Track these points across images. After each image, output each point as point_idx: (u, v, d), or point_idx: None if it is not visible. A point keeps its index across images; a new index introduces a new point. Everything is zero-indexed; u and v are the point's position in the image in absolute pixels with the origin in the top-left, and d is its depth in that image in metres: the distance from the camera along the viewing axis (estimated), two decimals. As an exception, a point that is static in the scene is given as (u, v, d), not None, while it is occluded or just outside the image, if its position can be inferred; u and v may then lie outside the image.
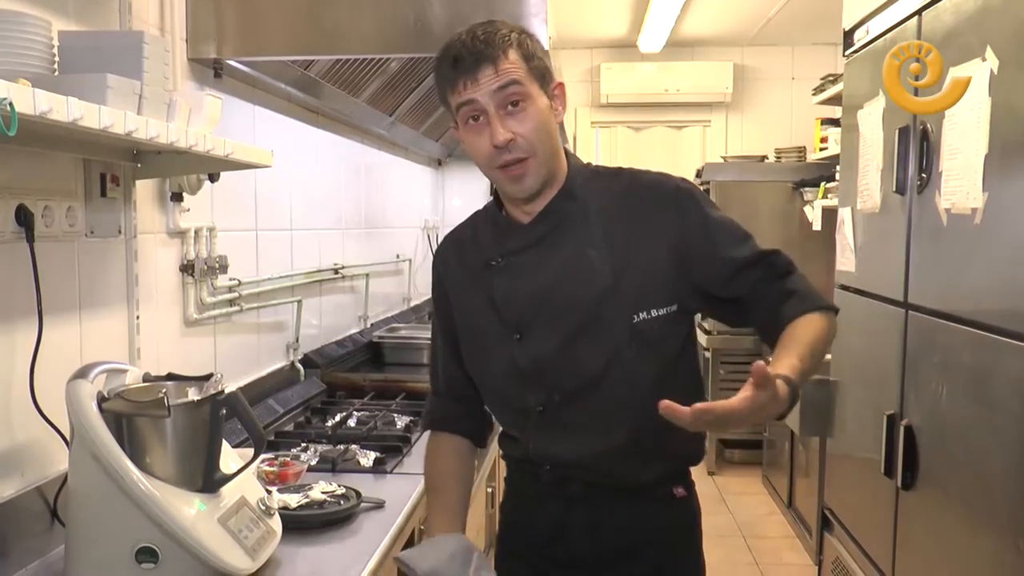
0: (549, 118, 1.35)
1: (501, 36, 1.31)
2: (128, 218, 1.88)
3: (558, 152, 1.40)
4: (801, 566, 3.88)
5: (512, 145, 1.31)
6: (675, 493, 1.49)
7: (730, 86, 5.49)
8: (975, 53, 1.85)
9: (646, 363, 1.37)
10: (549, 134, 1.35)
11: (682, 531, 1.52)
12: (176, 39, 2.06)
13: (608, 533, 1.45)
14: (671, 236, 1.37)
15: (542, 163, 1.35)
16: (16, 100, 1.11)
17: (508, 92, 1.30)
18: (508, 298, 1.42)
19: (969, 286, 1.93)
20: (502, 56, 1.30)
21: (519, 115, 1.31)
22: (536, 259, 1.41)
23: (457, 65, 1.31)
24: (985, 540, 1.85)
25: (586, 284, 1.36)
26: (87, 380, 1.40)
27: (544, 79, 1.35)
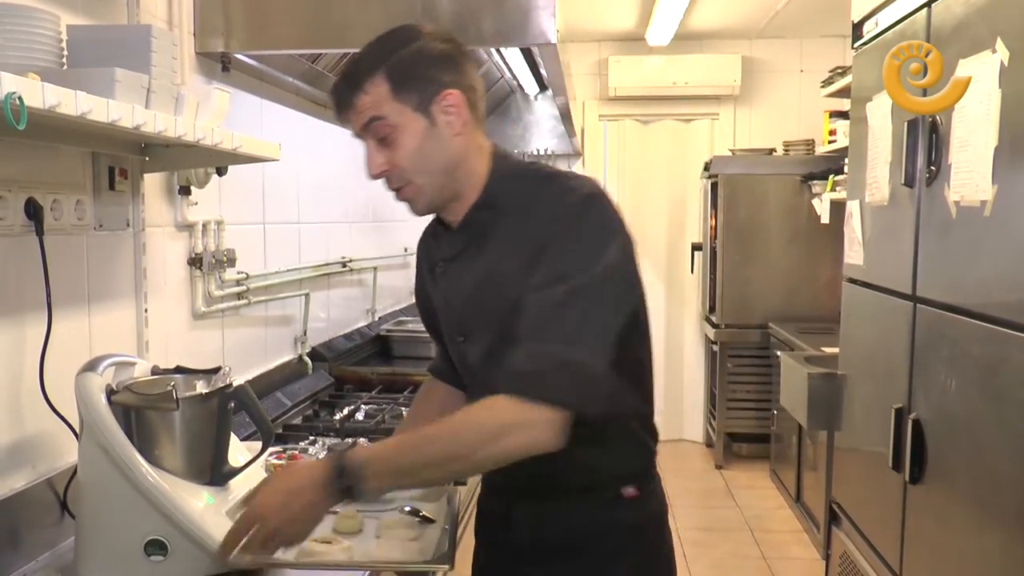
0: (426, 142, 1.31)
1: (362, 69, 1.30)
2: (136, 211, 1.89)
3: (455, 168, 1.35)
4: (809, 560, 3.88)
5: (388, 175, 1.34)
6: (623, 493, 1.42)
7: (738, 79, 5.46)
8: (985, 45, 1.84)
9: None
10: (427, 158, 1.32)
11: (629, 533, 1.43)
12: (184, 33, 2.07)
13: (549, 528, 1.43)
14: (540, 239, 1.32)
15: (423, 188, 1.35)
16: (25, 94, 1.12)
17: (372, 128, 1.31)
18: (447, 302, 1.45)
19: (978, 279, 1.92)
20: (360, 94, 1.29)
21: (389, 146, 1.31)
22: (461, 269, 1.41)
23: (332, 99, 1.35)
24: (993, 534, 1.84)
25: (501, 297, 1.32)
26: (96, 373, 1.41)
27: (423, 96, 1.30)
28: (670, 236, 5.79)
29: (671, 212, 5.79)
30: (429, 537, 1.54)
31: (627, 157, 5.82)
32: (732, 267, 5.08)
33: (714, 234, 5.22)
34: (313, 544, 1.44)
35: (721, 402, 5.20)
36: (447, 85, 1.32)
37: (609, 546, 1.41)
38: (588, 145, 5.80)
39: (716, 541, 4.14)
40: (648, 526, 1.47)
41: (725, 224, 5.07)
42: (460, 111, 1.33)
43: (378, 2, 2.10)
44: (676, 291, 5.80)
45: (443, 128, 1.32)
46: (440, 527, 1.58)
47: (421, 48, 1.32)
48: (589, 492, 1.41)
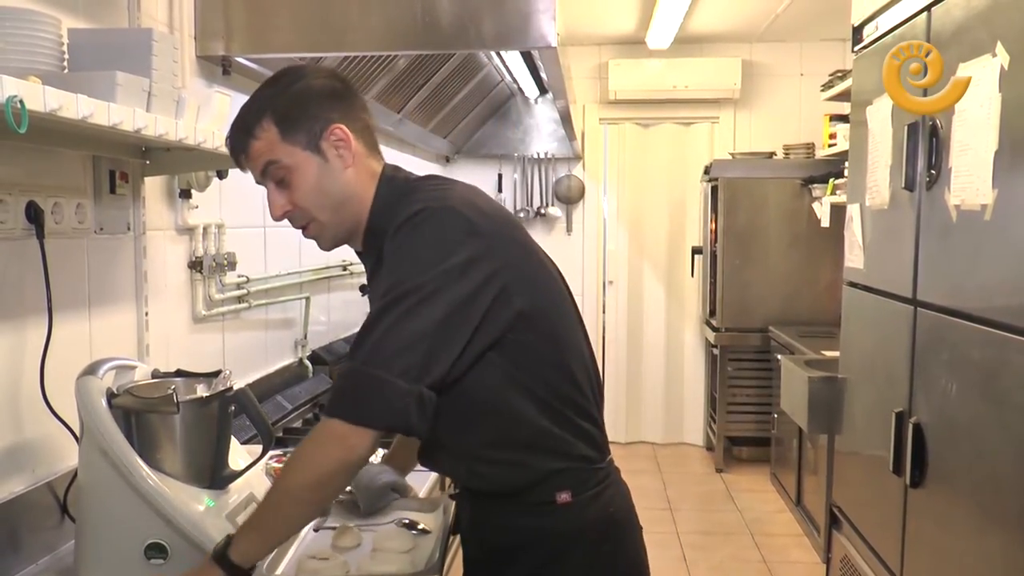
0: (319, 179, 1.34)
1: (251, 115, 1.33)
2: (137, 215, 1.89)
3: (349, 201, 1.37)
4: (809, 564, 3.88)
5: (290, 215, 1.37)
6: (556, 499, 1.36)
7: (738, 82, 5.46)
8: (985, 49, 1.84)
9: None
10: (323, 194, 1.35)
11: (565, 539, 1.37)
12: (185, 36, 2.07)
13: (488, 534, 1.42)
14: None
15: (325, 224, 1.38)
16: (27, 98, 1.12)
17: (269, 173, 1.34)
18: None
19: (978, 283, 1.92)
20: (251, 140, 1.33)
21: (287, 188, 1.35)
22: (371, 296, 1.44)
23: (228, 148, 1.38)
24: (994, 538, 1.84)
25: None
26: (96, 376, 1.41)
27: (310, 134, 1.33)
28: (670, 240, 5.79)
29: (671, 215, 5.79)
30: (423, 548, 1.55)
31: (627, 160, 5.82)
32: (732, 271, 5.08)
33: (714, 238, 5.22)
34: (310, 561, 1.45)
35: (721, 405, 5.20)
36: (333, 120, 1.34)
37: (544, 551, 1.37)
38: (588, 148, 5.81)
39: (716, 545, 4.14)
40: (587, 532, 1.39)
41: (725, 228, 5.07)
42: (348, 143, 1.35)
43: (378, 6, 2.10)
44: (676, 295, 5.80)
45: (334, 162, 1.35)
46: (435, 537, 1.58)
47: (304, 88, 1.34)
48: (516, 497, 1.38)
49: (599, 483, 1.40)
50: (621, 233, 5.82)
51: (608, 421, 5.34)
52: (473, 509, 1.44)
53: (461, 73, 3.81)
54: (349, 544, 1.56)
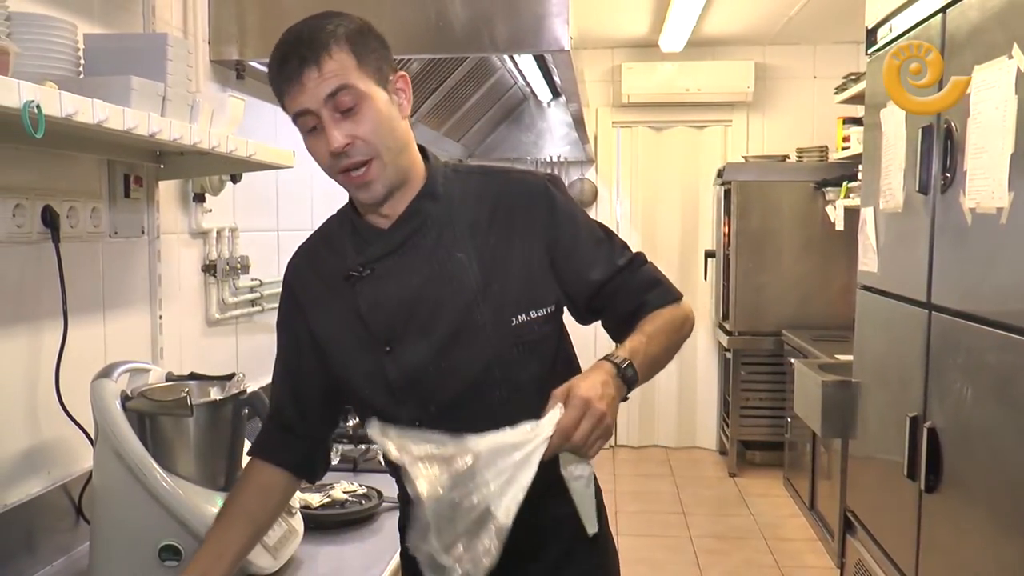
0: (391, 115, 1.25)
1: (327, 33, 1.21)
2: (151, 219, 1.90)
3: (407, 150, 1.30)
4: (823, 568, 3.86)
5: (351, 149, 1.23)
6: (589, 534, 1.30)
7: (751, 85, 5.45)
8: (1001, 51, 1.83)
9: (528, 364, 1.30)
10: (392, 132, 1.25)
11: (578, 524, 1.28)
12: (199, 41, 2.08)
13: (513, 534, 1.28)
14: (543, 237, 1.32)
15: (388, 164, 1.25)
16: (43, 102, 1.13)
17: (336, 99, 1.21)
18: (374, 308, 1.30)
19: (994, 286, 1.90)
20: (326, 57, 1.20)
21: (355, 117, 1.22)
22: (400, 265, 1.30)
23: (282, 68, 1.23)
24: (1011, 544, 1.83)
25: (455, 289, 1.28)
26: (111, 379, 1.42)
27: (382, 72, 1.25)
28: (683, 243, 5.78)
29: (684, 219, 5.78)
30: None
31: (640, 164, 5.82)
32: (745, 274, 5.06)
33: (727, 241, 5.20)
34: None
35: (734, 410, 5.18)
36: (395, 67, 1.29)
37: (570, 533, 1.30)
38: (601, 152, 5.80)
39: (730, 549, 4.12)
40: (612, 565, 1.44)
41: (738, 231, 5.06)
42: (408, 95, 1.30)
43: (392, 9, 2.11)
44: (689, 298, 5.64)
45: (397, 107, 1.28)
46: None
47: (370, 28, 1.28)
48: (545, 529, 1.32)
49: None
50: (634, 236, 5.81)
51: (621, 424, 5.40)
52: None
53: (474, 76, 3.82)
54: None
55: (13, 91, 1.09)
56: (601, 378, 1.17)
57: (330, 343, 1.36)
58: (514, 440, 1.12)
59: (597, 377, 1.17)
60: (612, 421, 1.16)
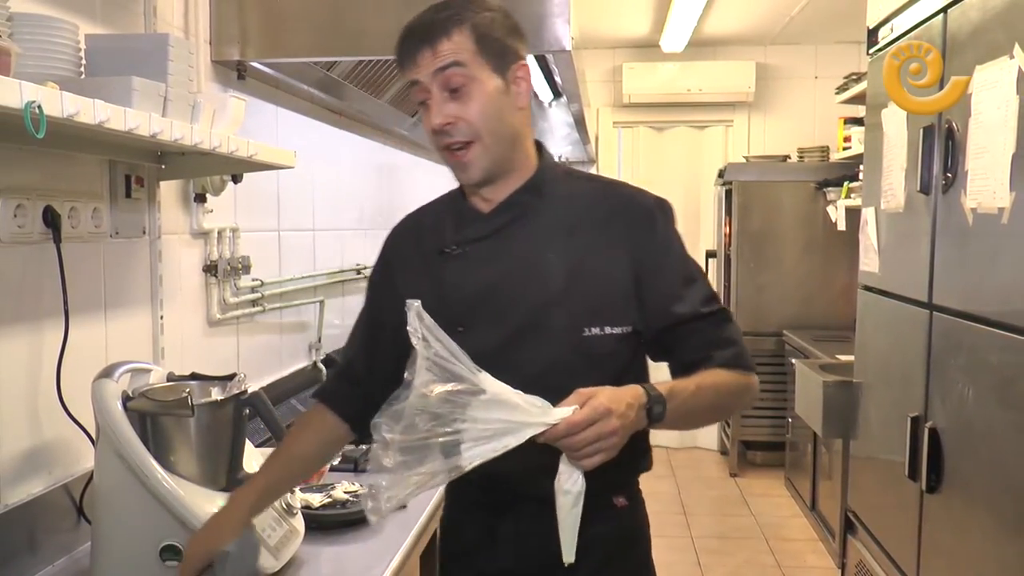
0: (500, 102, 1.27)
1: (450, 15, 1.26)
2: (152, 219, 1.90)
3: (516, 139, 1.32)
4: (824, 569, 3.85)
5: (452, 128, 1.27)
6: (615, 503, 1.38)
7: (752, 85, 5.45)
8: (1003, 51, 1.83)
9: (588, 378, 1.22)
10: (498, 118, 1.28)
11: (621, 543, 1.40)
12: (200, 41, 2.08)
13: (534, 546, 1.32)
14: (635, 256, 1.32)
15: (488, 149, 1.28)
16: (45, 103, 1.13)
17: (447, 74, 1.25)
18: (456, 288, 1.34)
19: (995, 287, 1.90)
20: (443, 38, 1.24)
21: (461, 98, 1.26)
22: (490, 251, 1.34)
23: (403, 43, 1.28)
24: (1012, 545, 1.83)
25: (536, 286, 1.30)
26: (112, 379, 1.42)
27: (502, 60, 1.28)
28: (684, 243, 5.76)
29: (685, 219, 5.77)
30: None
31: (641, 164, 5.82)
32: (746, 274, 5.06)
33: (728, 241, 5.20)
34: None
35: (736, 410, 5.17)
36: (520, 56, 1.31)
37: (599, 558, 1.35)
38: (602, 152, 5.80)
39: (731, 549, 4.12)
40: (638, 536, 1.45)
41: (739, 231, 5.06)
42: (527, 85, 1.32)
43: (393, 10, 2.11)
44: (690, 298, 5.77)
45: (512, 96, 1.30)
46: None
47: (502, 17, 1.31)
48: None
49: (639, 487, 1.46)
50: (635, 236, 5.81)
51: (622, 425, 5.19)
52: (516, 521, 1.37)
53: (475, 77, 3.81)
54: None
55: (15, 91, 1.09)
56: (628, 399, 1.16)
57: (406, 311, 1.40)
58: (521, 405, 1.12)
59: (625, 396, 1.17)
60: (620, 441, 1.14)
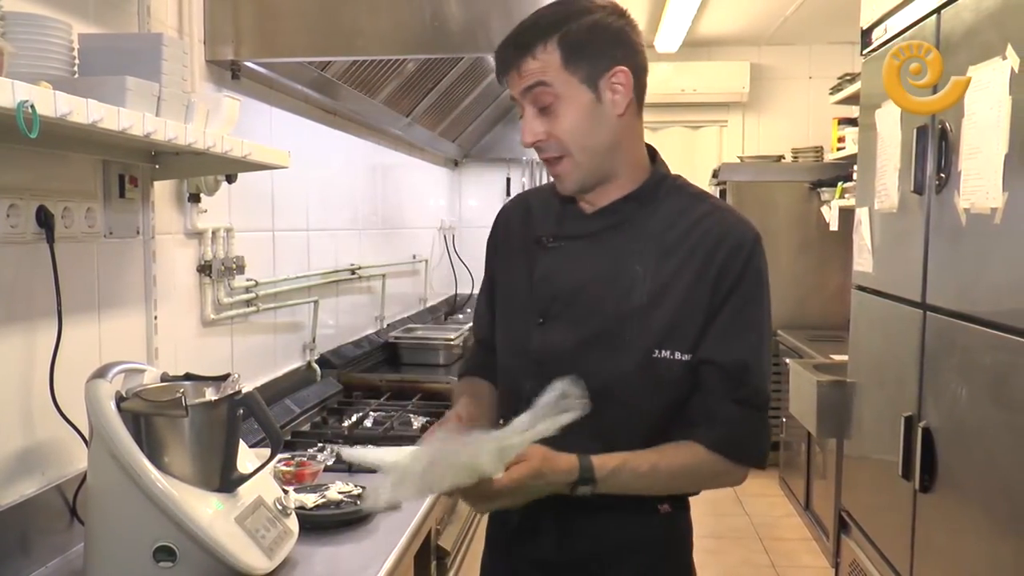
0: (591, 115, 1.28)
1: (536, 33, 1.27)
2: (146, 219, 1.89)
3: (614, 149, 1.32)
4: (818, 568, 3.86)
5: (543, 144, 1.31)
6: (659, 509, 1.40)
7: (747, 86, 5.46)
8: (996, 51, 1.84)
9: (651, 399, 1.31)
10: (589, 132, 1.29)
11: (661, 548, 1.43)
12: (194, 41, 2.08)
13: (576, 541, 1.38)
14: (716, 285, 1.31)
15: (580, 163, 1.31)
16: (38, 103, 1.12)
17: (534, 93, 1.28)
18: (545, 280, 1.37)
19: (988, 286, 1.91)
20: (527, 57, 1.27)
21: (549, 116, 1.29)
22: (583, 252, 1.36)
23: (497, 57, 1.32)
24: (1005, 543, 1.83)
25: (619, 295, 1.31)
26: (106, 380, 1.41)
27: (595, 70, 1.27)
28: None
29: (680, 219, 5.78)
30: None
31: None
32: (741, 274, 5.06)
33: (723, 241, 5.20)
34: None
35: (730, 409, 5.17)
36: (618, 61, 1.29)
37: (640, 562, 1.39)
38: (596, 152, 5.80)
39: (726, 549, 4.13)
40: (680, 543, 1.48)
41: (734, 231, 5.06)
42: (627, 90, 1.31)
43: (388, 9, 2.11)
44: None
45: (607, 106, 1.30)
46: None
47: (597, 21, 1.28)
48: (625, 507, 1.35)
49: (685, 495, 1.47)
50: (629, 237, 5.81)
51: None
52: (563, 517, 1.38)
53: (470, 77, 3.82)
54: None
55: (7, 91, 1.08)
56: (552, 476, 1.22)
57: (501, 292, 1.49)
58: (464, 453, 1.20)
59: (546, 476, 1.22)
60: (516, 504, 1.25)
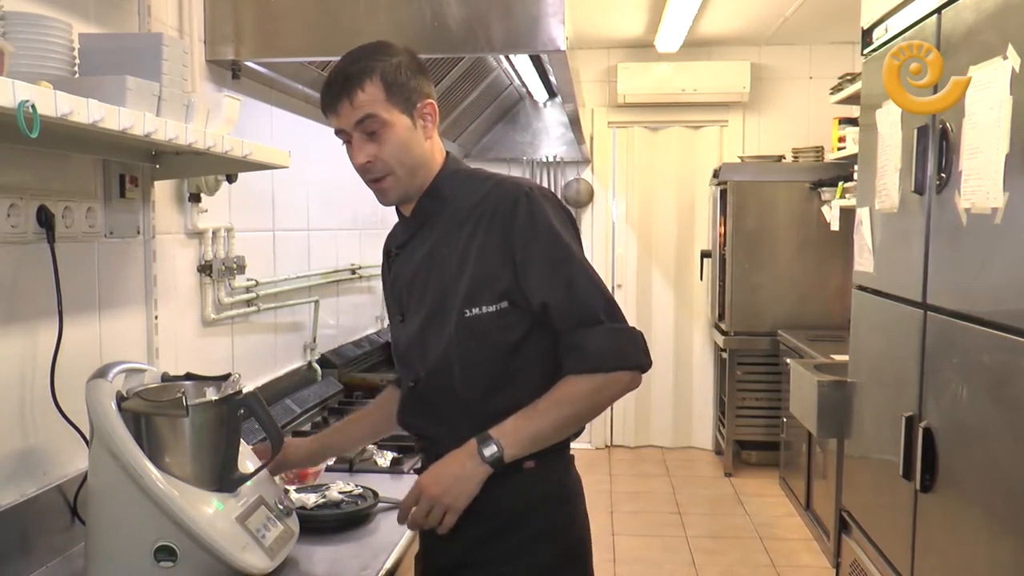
0: (409, 138, 1.51)
1: (362, 67, 1.47)
2: (147, 219, 1.89)
3: (424, 164, 1.55)
4: (818, 568, 3.86)
5: (370, 167, 1.51)
6: (524, 466, 1.50)
7: (747, 86, 5.45)
8: (996, 51, 1.84)
9: (478, 353, 1.50)
10: (409, 152, 1.51)
11: (528, 499, 1.52)
12: (194, 41, 2.08)
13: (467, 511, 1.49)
14: (503, 240, 1.49)
15: (402, 179, 1.53)
16: (38, 102, 1.12)
17: (364, 124, 1.48)
18: (393, 284, 1.66)
19: (989, 286, 1.91)
20: (357, 92, 1.46)
21: (378, 140, 1.49)
22: (409, 252, 1.61)
23: (325, 96, 1.50)
24: (1006, 543, 1.83)
25: (437, 277, 1.54)
26: (106, 380, 1.42)
27: (409, 101, 1.50)
28: (679, 243, 5.78)
29: (680, 219, 5.78)
30: None
31: (636, 164, 5.82)
32: (741, 274, 5.07)
33: (723, 241, 5.21)
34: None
35: (730, 409, 5.18)
36: (425, 94, 1.53)
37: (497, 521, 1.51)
38: (597, 152, 5.80)
39: (725, 549, 4.13)
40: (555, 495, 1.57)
41: (734, 231, 5.06)
42: (434, 118, 1.55)
43: (387, 10, 2.11)
44: (685, 298, 5.79)
45: (420, 130, 1.53)
46: None
47: (403, 63, 1.51)
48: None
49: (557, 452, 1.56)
50: (630, 237, 5.82)
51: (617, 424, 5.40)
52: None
53: (470, 77, 3.82)
54: None
55: (8, 91, 1.08)
56: (452, 467, 1.45)
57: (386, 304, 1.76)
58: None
59: (450, 465, 1.45)
60: (454, 503, 1.43)
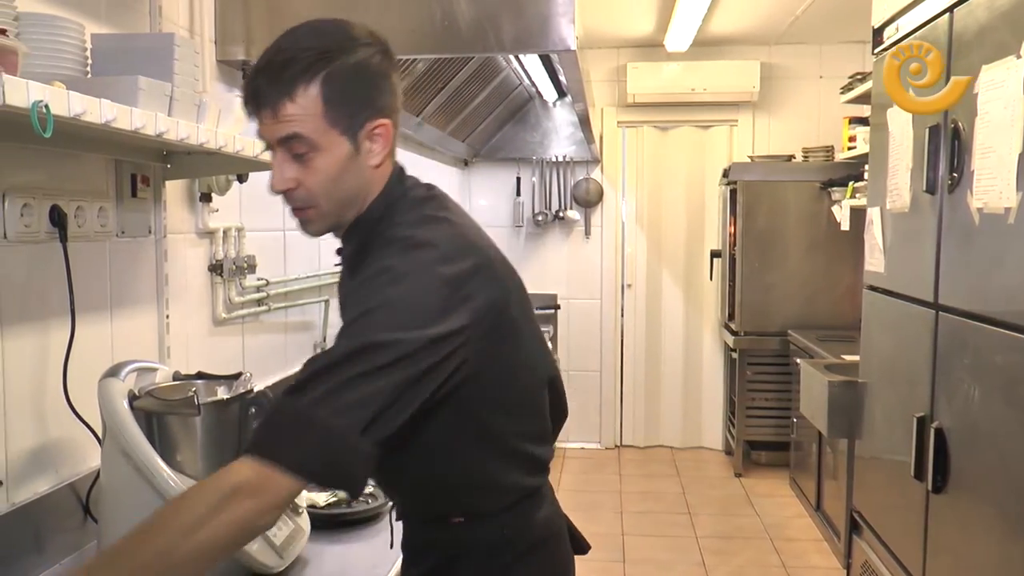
0: (344, 169, 1.20)
1: (296, 71, 1.15)
2: (158, 218, 1.90)
3: (358, 198, 1.26)
4: (829, 569, 3.85)
5: (292, 193, 1.21)
6: (451, 520, 1.33)
7: (757, 85, 5.44)
8: (1010, 50, 1.83)
9: None
10: (341, 184, 1.21)
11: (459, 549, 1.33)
12: (205, 41, 2.08)
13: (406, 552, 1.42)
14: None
15: (327, 214, 1.24)
16: (52, 102, 1.13)
17: (290, 144, 1.17)
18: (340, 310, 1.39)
19: (1001, 286, 1.90)
20: (287, 100, 1.15)
21: (305, 164, 1.18)
22: (344, 280, 1.38)
23: (247, 89, 1.19)
24: (1018, 545, 1.82)
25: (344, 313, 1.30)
26: (118, 378, 1.42)
27: (354, 120, 1.18)
28: (689, 243, 5.77)
29: (690, 219, 5.77)
30: None
31: (645, 164, 5.81)
32: (751, 274, 5.06)
33: (733, 241, 5.19)
34: None
35: (740, 410, 5.17)
36: (380, 111, 1.22)
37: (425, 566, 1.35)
38: (606, 152, 5.80)
39: (736, 549, 4.12)
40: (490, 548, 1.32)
41: (744, 231, 5.05)
42: (386, 141, 1.24)
43: (397, 9, 2.11)
44: (695, 298, 5.78)
45: (364, 156, 1.22)
46: None
47: (362, 62, 1.19)
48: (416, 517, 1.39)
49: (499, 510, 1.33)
50: (639, 236, 5.81)
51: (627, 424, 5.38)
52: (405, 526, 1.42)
53: (480, 76, 3.82)
54: None
55: (22, 91, 1.09)
56: None
57: None
58: None
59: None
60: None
